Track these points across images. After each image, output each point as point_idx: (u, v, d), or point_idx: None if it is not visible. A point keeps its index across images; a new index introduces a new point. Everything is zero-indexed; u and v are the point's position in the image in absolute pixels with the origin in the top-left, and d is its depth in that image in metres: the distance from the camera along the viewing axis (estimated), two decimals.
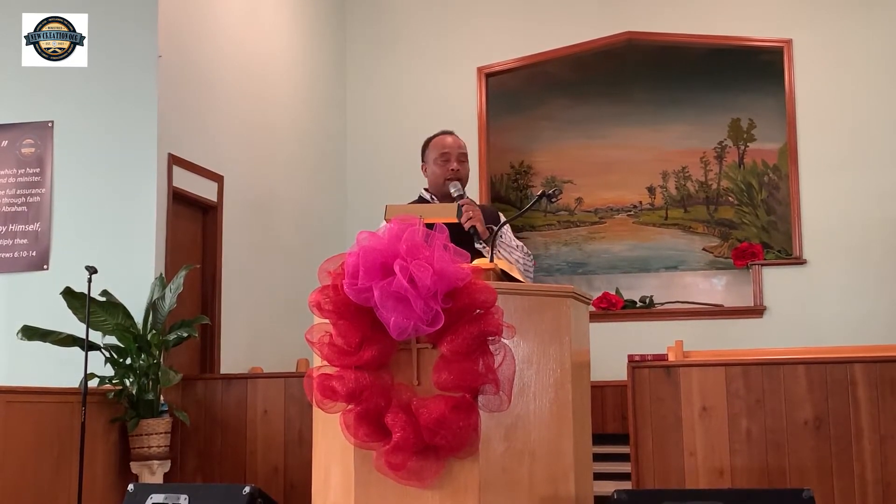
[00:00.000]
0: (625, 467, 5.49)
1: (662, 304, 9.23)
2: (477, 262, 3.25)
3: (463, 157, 4.01)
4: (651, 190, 9.77)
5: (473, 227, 3.72)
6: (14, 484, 5.15)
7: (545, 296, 3.20)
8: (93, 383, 5.72)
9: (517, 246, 3.92)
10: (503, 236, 3.89)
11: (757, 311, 8.73)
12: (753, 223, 9.50)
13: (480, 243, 3.73)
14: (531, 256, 3.94)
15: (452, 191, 3.93)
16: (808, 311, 8.55)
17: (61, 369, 5.91)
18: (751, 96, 9.54)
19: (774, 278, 8.77)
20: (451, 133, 4.09)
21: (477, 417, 2.92)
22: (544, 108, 10.02)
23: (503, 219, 4.00)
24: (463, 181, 3.98)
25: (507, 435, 3.01)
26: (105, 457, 5.83)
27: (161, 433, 5.86)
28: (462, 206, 3.77)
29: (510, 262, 3.75)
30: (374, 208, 5.76)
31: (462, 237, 3.60)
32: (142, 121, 6.51)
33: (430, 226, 3.03)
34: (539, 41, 9.40)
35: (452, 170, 3.97)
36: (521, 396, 3.03)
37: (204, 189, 7.10)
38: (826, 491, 4.90)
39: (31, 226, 6.55)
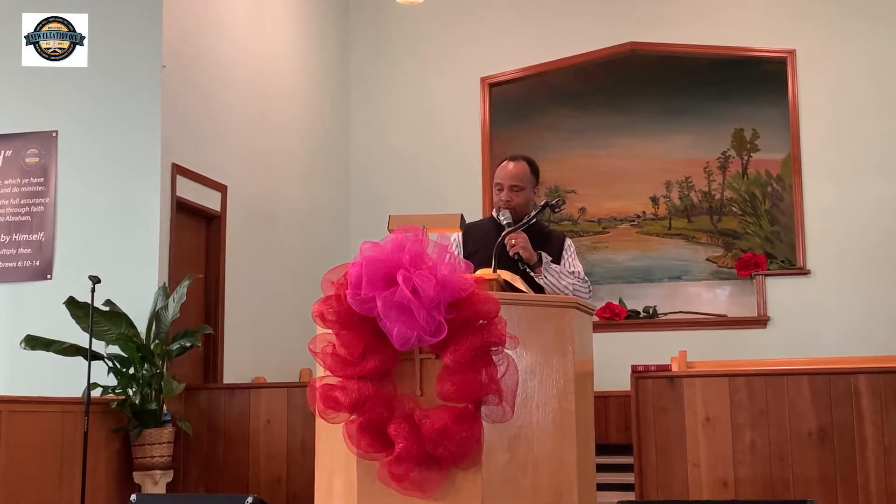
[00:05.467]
0: (628, 478, 5.48)
1: (666, 314, 9.21)
2: (479, 272, 3.26)
3: (517, 187, 4.06)
4: (654, 200, 9.77)
5: (517, 253, 3.82)
6: (17, 493, 5.14)
7: (548, 306, 3.20)
8: (96, 393, 5.72)
9: (571, 272, 3.99)
10: (564, 260, 4.05)
11: (760, 321, 8.71)
12: (757, 233, 9.49)
13: (525, 267, 3.85)
14: (587, 283, 4.02)
15: (502, 219, 4.05)
16: (811, 321, 8.54)
17: (64, 379, 5.92)
18: (754, 106, 9.54)
19: (778, 288, 8.76)
20: (514, 159, 4.15)
21: (480, 428, 2.91)
22: (548, 118, 10.02)
23: (567, 244, 4.12)
24: (517, 208, 4.06)
25: (510, 445, 3.01)
26: (107, 466, 5.82)
27: (164, 443, 5.86)
28: (506, 235, 3.87)
29: (558, 288, 3.86)
30: (377, 218, 5.80)
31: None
32: (145, 130, 6.52)
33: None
34: (542, 51, 9.41)
35: (503, 200, 4.07)
36: (524, 407, 3.03)
37: (207, 199, 7.11)
38: (830, 502, 4.88)
39: (35, 235, 6.56)
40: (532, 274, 3.88)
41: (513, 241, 3.84)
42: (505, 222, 4.02)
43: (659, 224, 9.76)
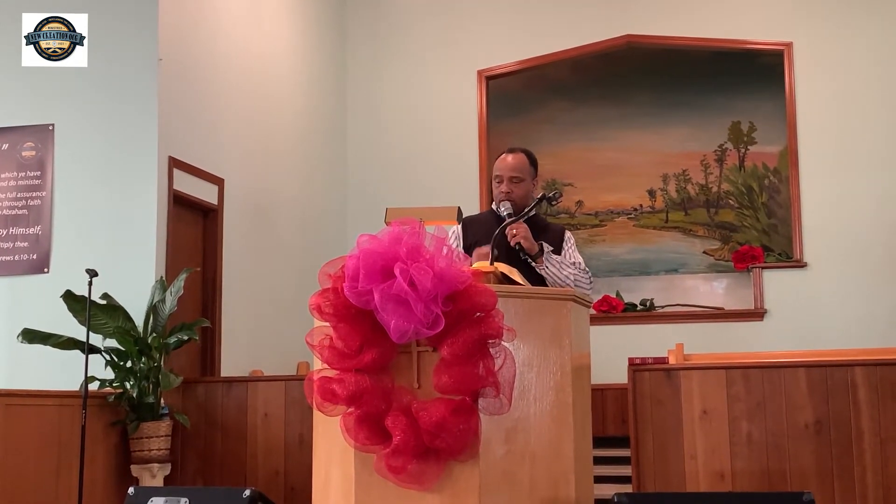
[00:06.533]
0: (625, 470, 5.48)
1: (663, 306, 9.22)
2: (477, 264, 3.26)
3: (516, 178, 4.11)
4: (651, 193, 9.78)
5: (519, 243, 3.88)
6: (14, 487, 5.15)
7: (545, 299, 3.20)
8: (93, 386, 5.72)
9: (573, 263, 4.04)
10: (564, 252, 4.09)
11: (757, 313, 8.72)
12: (754, 226, 9.50)
13: (526, 257, 3.90)
14: (588, 273, 4.06)
15: (502, 210, 4.09)
16: (808, 313, 8.55)
17: (62, 372, 5.92)
18: (751, 99, 9.54)
19: (775, 281, 8.77)
20: (513, 152, 4.19)
21: (477, 420, 2.92)
22: (545, 111, 10.02)
23: (567, 236, 4.17)
24: (517, 200, 4.09)
25: (507, 438, 3.01)
26: (105, 460, 5.83)
27: (161, 436, 5.86)
28: (507, 225, 3.91)
29: (559, 278, 3.93)
30: (374, 211, 5.79)
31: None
32: (142, 124, 6.51)
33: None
34: (539, 44, 9.41)
35: (503, 192, 4.11)
36: (521, 399, 3.04)
37: (204, 192, 7.10)
38: (826, 494, 4.89)
39: (32, 229, 6.55)
40: (533, 264, 3.91)
41: (514, 232, 3.88)
42: (506, 213, 4.05)
43: (656, 217, 9.77)
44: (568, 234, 4.21)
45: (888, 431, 4.91)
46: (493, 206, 4.24)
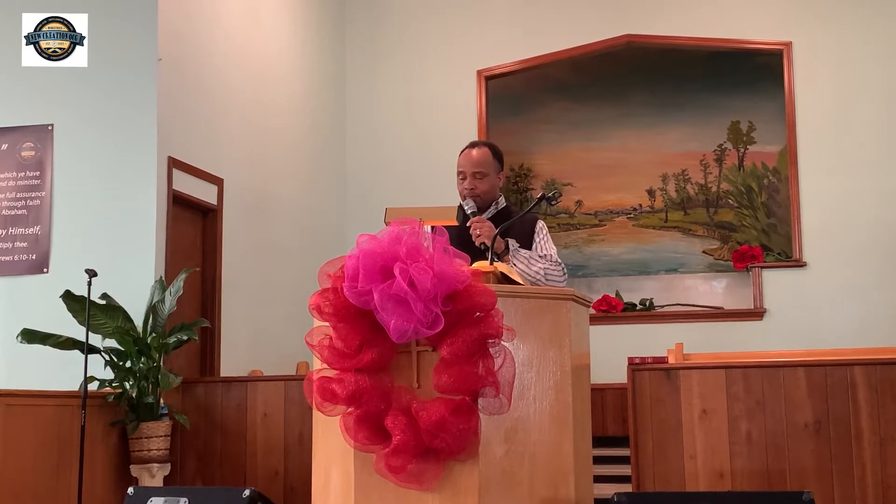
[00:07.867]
0: (625, 470, 5.48)
1: (662, 306, 9.23)
2: (477, 264, 3.26)
3: (479, 174, 4.00)
4: (651, 192, 9.78)
5: (483, 243, 3.75)
6: (14, 487, 5.15)
7: (545, 298, 3.20)
8: (93, 386, 5.72)
9: (543, 255, 3.92)
10: (536, 244, 3.96)
11: (757, 313, 8.72)
12: (753, 226, 9.51)
13: (493, 257, 3.74)
14: (561, 265, 3.93)
15: (466, 208, 3.98)
16: (807, 313, 8.55)
17: (61, 372, 5.92)
18: (750, 99, 9.55)
19: (774, 281, 8.77)
20: (476, 146, 4.09)
21: (477, 420, 2.92)
22: (544, 111, 10.03)
23: (539, 227, 4.04)
24: (482, 196, 4.00)
25: (507, 437, 3.01)
26: (105, 460, 5.83)
27: (161, 436, 5.86)
28: (470, 224, 3.82)
29: (529, 275, 3.80)
30: (374, 211, 5.80)
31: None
32: (141, 124, 6.51)
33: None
34: (539, 44, 9.40)
35: (466, 189, 4.01)
36: (521, 399, 3.03)
37: (204, 192, 7.10)
38: (826, 493, 4.89)
39: (31, 229, 6.55)
40: (501, 263, 3.81)
41: (478, 231, 3.78)
42: (469, 212, 3.95)
43: (655, 217, 9.77)
44: (540, 223, 4.06)
45: (887, 431, 4.91)
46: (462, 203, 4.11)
